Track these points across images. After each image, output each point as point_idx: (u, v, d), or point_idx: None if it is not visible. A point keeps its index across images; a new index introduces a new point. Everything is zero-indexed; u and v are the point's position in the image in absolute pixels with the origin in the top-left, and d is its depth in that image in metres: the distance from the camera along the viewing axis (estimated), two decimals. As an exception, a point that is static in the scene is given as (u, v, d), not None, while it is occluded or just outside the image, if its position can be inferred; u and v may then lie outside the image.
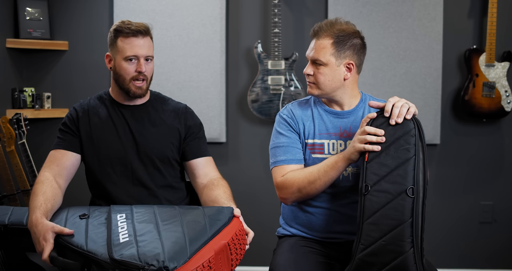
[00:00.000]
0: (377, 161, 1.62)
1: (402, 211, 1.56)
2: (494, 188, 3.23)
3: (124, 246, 1.45)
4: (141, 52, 1.94)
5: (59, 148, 1.97)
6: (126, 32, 1.93)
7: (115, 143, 2.00)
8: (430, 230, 3.20)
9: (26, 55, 3.18)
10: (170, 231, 1.53)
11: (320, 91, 1.87)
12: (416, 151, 1.61)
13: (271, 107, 3.08)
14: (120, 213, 1.69)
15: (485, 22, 3.10)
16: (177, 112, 2.07)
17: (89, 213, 1.73)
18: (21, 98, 3.04)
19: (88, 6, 3.22)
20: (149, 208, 1.74)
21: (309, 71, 1.87)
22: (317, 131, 1.88)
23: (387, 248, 1.55)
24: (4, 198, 2.60)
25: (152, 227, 1.56)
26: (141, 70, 1.94)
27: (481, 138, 3.20)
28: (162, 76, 3.07)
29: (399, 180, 1.58)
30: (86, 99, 2.10)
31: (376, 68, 3.11)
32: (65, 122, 2.03)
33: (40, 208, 1.71)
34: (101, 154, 2.00)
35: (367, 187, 1.60)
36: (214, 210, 1.71)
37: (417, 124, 1.64)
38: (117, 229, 1.57)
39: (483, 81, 3.05)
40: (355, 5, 3.10)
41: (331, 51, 1.82)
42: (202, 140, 2.10)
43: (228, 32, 3.20)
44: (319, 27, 1.86)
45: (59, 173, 1.91)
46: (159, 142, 2.01)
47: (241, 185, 3.23)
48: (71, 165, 1.96)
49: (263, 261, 3.09)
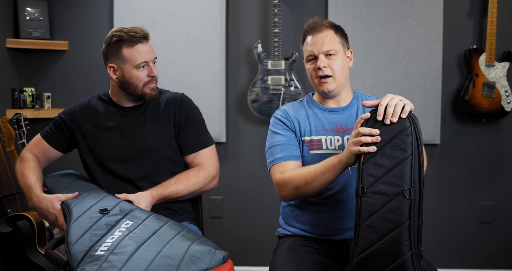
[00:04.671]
0: (373, 161, 1.58)
1: (400, 213, 1.52)
2: (494, 188, 3.23)
3: (92, 261, 1.49)
4: (149, 57, 1.97)
5: (45, 139, 2.09)
6: (130, 40, 1.93)
7: (111, 143, 2.01)
8: (430, 230, 3.20)
9: (26, 55, 3.18)
10: (142, 256, 1.50)
11: (337, 83, 1.87)
12: (412, 151, 1.56)
13: (271, 107, 3.08)
14: (133, 219, 1.70)
15: (485, 22, 3.10)
16: (170, 103, 2.07)
17: (112, 209, 1.76)
18: (21, 98, 3.04)
19: (88, 6, 3.22)
20: (159, 222, 1.69)
21: (323, 63, 1.84)
22: (313, 128, 1.89)
23: (385, 251, 1.52)
24: (4, 198, 2.60)
25: (130, 249, 1.53)
26: (154, 74, 1.99)
27: (481, 137, 3.20)
28: (162, 76, 3.06)
29: (395, 181, 1.54)
30: (86, 99, 2.11)
31: (376, 68, 3.11)
32: (61, 118, 2.08)
33: (36, 186, 1.95)
34: (97, 155, 2.02)
35: (363, 188, 1.56)
36: (200, 248, 1.55)
37: (413, 123, 1.59)
38: (109, 236, 1.60)
39: (483, 81, 3.05)
40: (355, 5, 3.10)
41: (338, 39, 1.88)
42: (196, 131, 2.07)
43: (228, 32, 3.20)
44: (314, 22, 1.89)
45: (38, 158, 2.07)
46: (159, 140, 2.01)
47: (241, 184, 3.23)
48: (50, 157, 2.10)
49: (263, 261, 3.09)
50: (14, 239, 2.50)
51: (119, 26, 2.00)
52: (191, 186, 1.99)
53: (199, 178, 2.01)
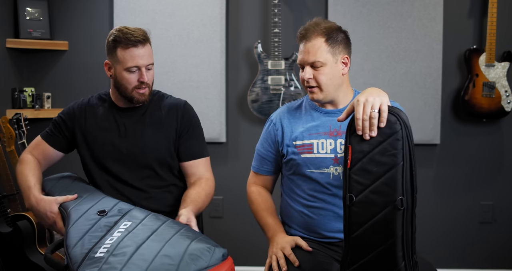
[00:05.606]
0: (360, 167, 1.45)
1: (392, 225, 1.41)
2: (494, 188, 3.23)
3: (92, 263, 1.48)
4: (142, 62, 1.92)
5: (45, 140, 2.06)
6: (125, 43, 1.89)
7: (109, 145, 2.00)
8: (430, 230, 3.20)
9: (26, 55, 3.18)
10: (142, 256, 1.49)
11: (324, 94, 1.83)
12: (403, 156, 1.43)
13: (271, 107, 3.08)
14: (132, 219, 1.69)
15: (485, 22, 3.09)
16: (173, 109, 2.05)
17: (110, 210, 1.74)
18: (21, 98, 3.04)
19: (88, 6, 3.22)
20: (157, 221, 1.70)
21: (308, 75, 1.81)
22: (306, 132, 1.88)
23: (378, 264, 1.43)
24: (4, 198, 2.60)
25: (130, 250, 1.53)
26: (144, 80, 1.93)
27: (481, 137, 3.20)
28: (162, 76, 3.07)
29: (386, 190, 1.42)
30: (86, 98, 2.10)
31: (376, 68, 3.11)
32: (61, 118, 2.06)
33: (35, 187, 1.91)
34: (95, 155, 2.01)
35: (351, 197, 1.45)
36: (199, 246, 1.55)
37: (403, 125, 1.45)
38: (108, 237, 1.59)
39: (483, 81, 3.05)
40: (355, 5, 3.10)
41: (327, 49, 1.80)
42: (195, 140, 2.07)
43: (228, 32, 3.20)
44: (305, 29, 1.83)
45: (39, 160, 2.04)
46: (158, 144, 2.00)
47: (241, 185, 3.22)
48: (50, 159, 2.07)
49: (263, 261, 3.09)
50: (14, 239, 2.50)
51: (124, 25, 1.96)
52: (207, 198, 2.02)
53: (211, 190, 2.05)
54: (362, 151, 1.47)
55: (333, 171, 1.82)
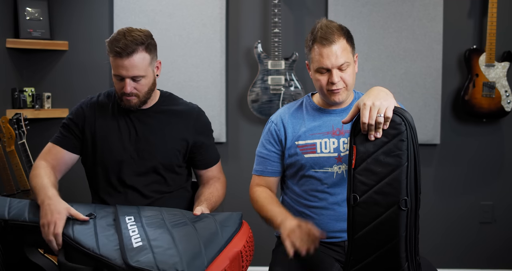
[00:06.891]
0: (365, 167, 1.45)
1: (395, 226, 1.41)
2: (494, 188, 3.23)
3: (138, 251, 1.42)
4: (125, 73, 1.84)
5: (57, 144, 1.97)
6: (111, 51, 1.84)
7: (117, 147, 1.95)
8: (430, 230, 3.20)
9: (26, 55, 3.18)
10: (184, 237, 1.50)
11: (347, 93, 1.84)
12: (408, 157, 1.42)
13: (271, 107, 3.08)
14: (128, 215, 1.66)
15: (485, 22, 3.10)
16: (187, 115, 2.02)
17: (95, 212, 1.69)
18: (21, 98, 3.04)
19: (88, 6, 3.22)
20: (156, 211, 1.70)
21: (337, 78, 1.76)
22: (309, 132, 1.87)
23: (381, 264, 1.43)
24: (4, 198, 2.60)
25: (164, 232, 1.52)
26: (125, 91, 1.87)
27: (481, 138, 3.20)
28: (162, 76, 3.07)
29: (390, 190, 1.41)
30: (95, 96, 2.04)
31: (376, 68, 3.11)
32: (70, 119, 1.99)
33: (52, 187, 1.76)
34: (100, 156, 1.96)
35: (356, 197, 1.45)
36: (223, 216, 1.67)
37: (408, 125, 1.44)
38: (128, 232, 1.53)
39: (483, 81, 3.05)
40: (355, 5, 3.10)
41: (349, 49, 1.82)
42: (210, 148, 2.08)
43: (228, 32, 3.20)
44: (325, 30, 1.77)
45: (53, 166, 1.93)
46: (165, 147, 1.97)
47: (241, 185, 3.23)
48: (65, 163, 1.97)
49: (263, 261, 3.09)
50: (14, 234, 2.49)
51: (127, 27, 1.89)
52: (220, 199, 2.04)
53: (224, 190, 2.08)
54: (366, 151, 1.47)
55: (336, 169, 1.83)
